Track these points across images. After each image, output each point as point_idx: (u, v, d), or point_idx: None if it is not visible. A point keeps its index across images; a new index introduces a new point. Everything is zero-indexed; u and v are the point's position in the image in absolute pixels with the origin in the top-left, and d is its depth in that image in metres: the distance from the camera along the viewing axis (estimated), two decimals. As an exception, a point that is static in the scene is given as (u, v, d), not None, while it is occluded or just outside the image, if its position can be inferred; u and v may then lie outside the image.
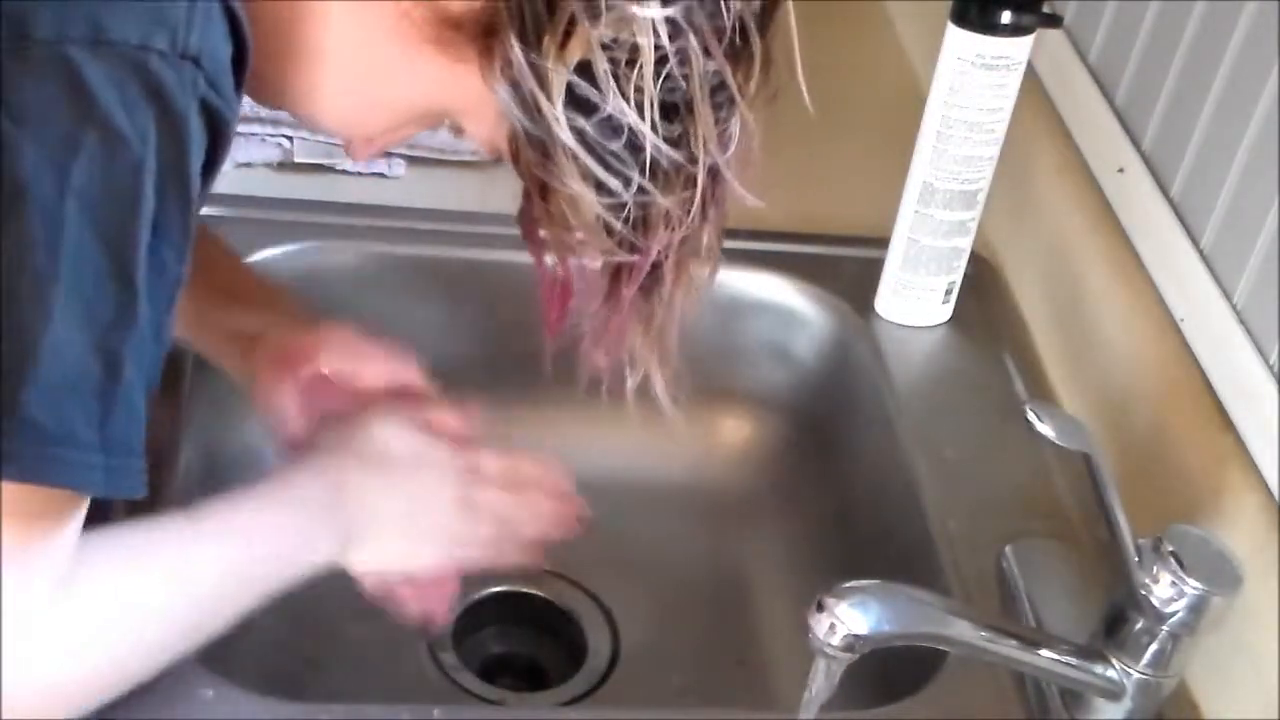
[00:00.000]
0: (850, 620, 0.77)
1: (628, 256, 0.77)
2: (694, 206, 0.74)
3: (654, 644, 1.11)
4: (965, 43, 1.07)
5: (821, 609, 0.77)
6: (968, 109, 1.09)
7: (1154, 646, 0.85)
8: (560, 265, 0.80)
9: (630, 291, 0.79)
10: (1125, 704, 0.87)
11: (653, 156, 0.72)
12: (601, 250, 0.77)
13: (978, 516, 1.03)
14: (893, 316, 1.18)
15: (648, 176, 0.72)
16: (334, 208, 1.18)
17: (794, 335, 1.21)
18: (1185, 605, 0.83)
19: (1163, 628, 0.84)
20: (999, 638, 0.85)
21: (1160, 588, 0.83)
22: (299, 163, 1.20)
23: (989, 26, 1.06)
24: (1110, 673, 0.87)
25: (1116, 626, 0.86)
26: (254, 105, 0.79)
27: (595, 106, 0.70)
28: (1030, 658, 0.86)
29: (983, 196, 1.13)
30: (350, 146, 0.82)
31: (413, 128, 0.80)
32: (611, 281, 0.80)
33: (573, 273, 0.81)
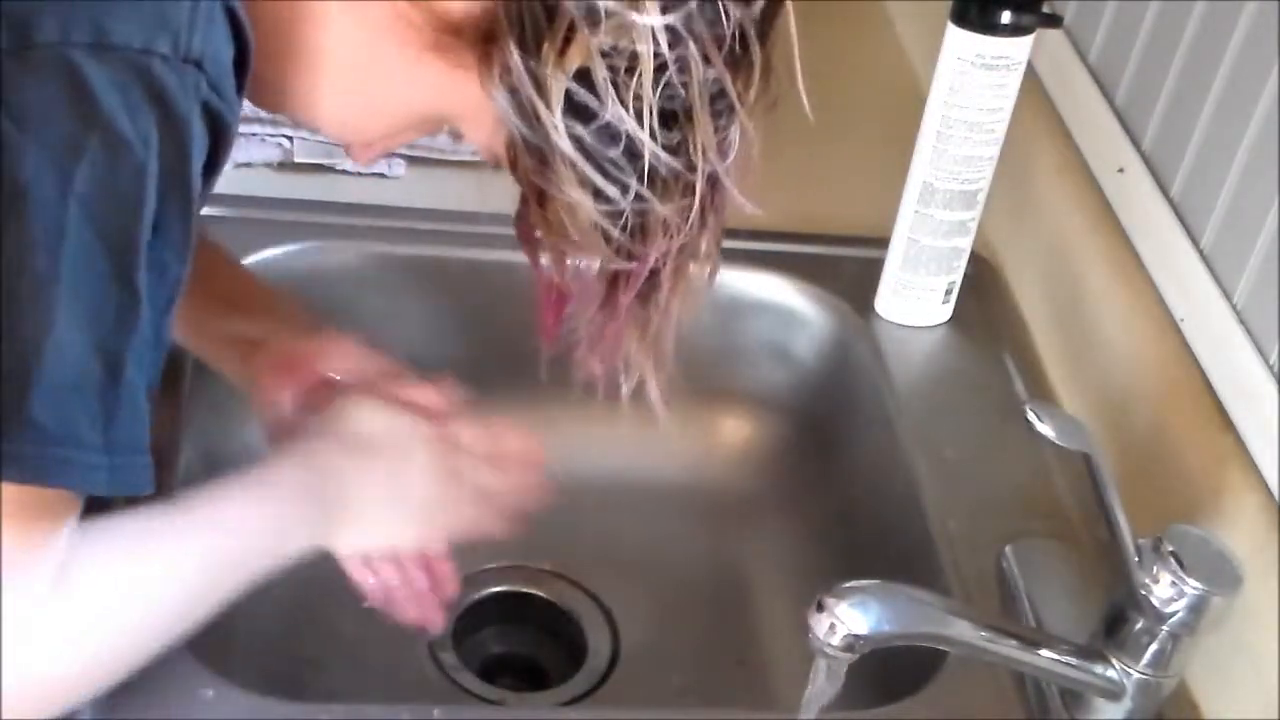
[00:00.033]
0: (850, 620, 0.77)
1: (625, 264, 0.77)
2: (692, 214, 0.74)
3: (654, 644, 1.11)
4: (965, 43, 1.07)
5: (821, 609, 0.78)
6: (968, 109, 1.08)
7: (1154, 646, 0.85)
8: (557, 271, 0.80)
9: (627, 298, 0.79)
10: (1125, 704, 0.87)
11: (651, 164, 0.71)
12: (599, 257, 0.77)
13: (978, 516, 1.03)
14: (893, 316, 1.18)
15: (646, 184, 0.72)
16: (334, 208, 1.18)
17: (794, 335, 1.21)
18: (1185, 605, 0.83)
19: (1163, 628, 0.84)
20: (999, 638, 0.85)
21: (1160, 588, 0.83)
22: (299, 163, 1.20)
23: (989, 26, 1.06)
24: (1110, 673, 0.87)
25: (1116, 626, 0.86)
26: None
27: (594, 114, 0.70)
28: (1030, 658, 0.86)
29: (983, 196, 1.13)
30: (350, 151, 0.82)
31: (412, 133, 0.80)
32: (609, 288, 0.79)
33: (569, 279, 0.81)
